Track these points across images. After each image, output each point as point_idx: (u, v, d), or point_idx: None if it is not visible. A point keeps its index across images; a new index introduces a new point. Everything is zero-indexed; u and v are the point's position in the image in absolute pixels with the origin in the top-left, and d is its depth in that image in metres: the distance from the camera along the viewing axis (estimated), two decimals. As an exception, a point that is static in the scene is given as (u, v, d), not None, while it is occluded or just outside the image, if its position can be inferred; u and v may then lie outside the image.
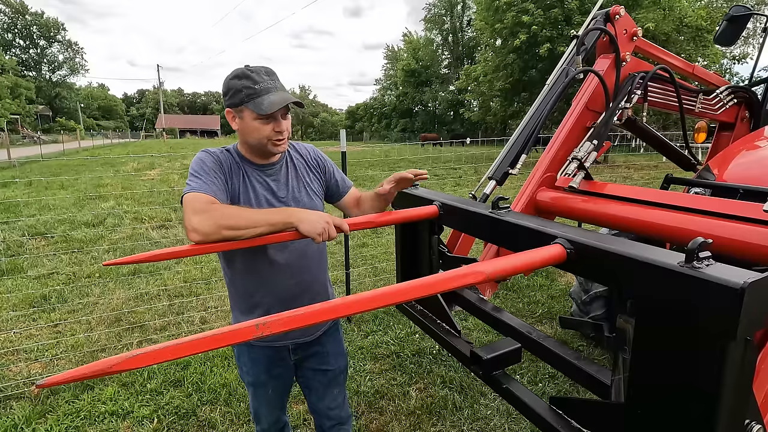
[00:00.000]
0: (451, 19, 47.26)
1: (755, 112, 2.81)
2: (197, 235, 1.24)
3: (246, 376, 1.71)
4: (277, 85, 1.41)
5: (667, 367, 0.86)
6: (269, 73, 1.41)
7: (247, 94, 1.36)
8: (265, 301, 1.56)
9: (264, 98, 1.36)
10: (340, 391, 1.83)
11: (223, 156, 1.47)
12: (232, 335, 0.76)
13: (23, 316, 3.85)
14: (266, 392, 1.72)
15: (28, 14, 54.26)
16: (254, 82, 1.37)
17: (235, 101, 1.39)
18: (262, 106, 1.35)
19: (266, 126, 1.39)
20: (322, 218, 1.32)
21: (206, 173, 1.38)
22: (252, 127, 1.39)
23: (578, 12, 17.57)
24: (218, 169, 1.42)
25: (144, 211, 7.48)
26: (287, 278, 1.55)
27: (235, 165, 1.48)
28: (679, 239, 1.53)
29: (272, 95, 1.37)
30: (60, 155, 21.61)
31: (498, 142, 16.95)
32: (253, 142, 1.43)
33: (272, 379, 1.70)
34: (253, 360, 1.66)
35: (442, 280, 0.91)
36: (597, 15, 2.12)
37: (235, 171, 1.47)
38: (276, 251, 1.51)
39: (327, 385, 1.77)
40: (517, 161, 1.97)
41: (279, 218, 1.31)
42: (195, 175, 1.37)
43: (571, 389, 2.80)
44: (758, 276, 0.73)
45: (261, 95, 1.36)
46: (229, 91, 1.40)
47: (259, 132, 1.40)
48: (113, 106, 73.08)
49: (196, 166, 1.40)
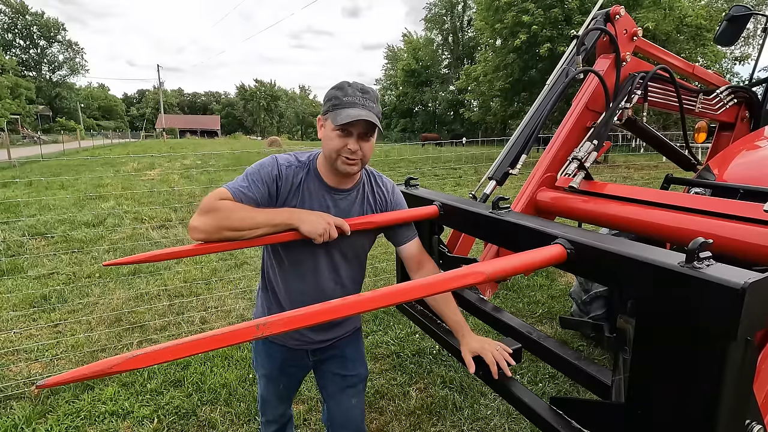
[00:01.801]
0: (451, 19, 47.26)
1: (755, 112, 2.81)
2: (199, 233, 1.25)
3: (260, 368, 1.72)
4: (366, 104, 1.35)
5: (668, 368, 0.86)
6: (364, 91, 1.37)
7: (333, 104, 1.35)
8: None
9: (345, 110, 1.32)
10: (358, 402, 1.76)
11: (289, 171, 1.42)
12: (232, 335, 0.76)
13: (23, 316, 3.85)
14: (277, 386, 1.73)
15: (29, 14, 54.29)
16: (344, 95, 1.34)
17: (324, 109, 1.39)
18: (338, 116, 1.32)
19: (340, 140, 1.34)
20: (323, 219, 1.33)
21: (254, 180, 1.36)
22: (329, 137, 1.37)
23: (578, 12, 17.59)
24: (270, 181, 1.38)
25: (144, 211, 7.47)
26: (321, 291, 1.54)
27: (302, 181, 1.43)
28: (680, 239, 1.53)
29: (354, 110, 1.32)
30: (60, 155, 21.61)
31: (498, 142, 16.94)
32: (327, 153, 1.40)
33: (285, 376, 1.71)
34: (269, 355, 1.67)
35: (442, 281, 0.91)
36: (597, 15, 2.12)
37: (298, 188, 1.43)
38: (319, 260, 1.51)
39: (343, 390, 1.73)
40: (517, 161, 1.97)
41: (280, 219, 1.31)
42: (245, 176, 1.38)
43: (571, 389, 2.80)
44: (759, 276, 0.73)
45: (344, 107, 1.33)
46: (324, 99, 1.40)
47: (332, 143, 1.36)
48: (113, 106, 73.09)
49: (254, 168, 1.40)
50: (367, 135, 1.37)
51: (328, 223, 1.32)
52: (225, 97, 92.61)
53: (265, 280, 1.62)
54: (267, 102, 78.55)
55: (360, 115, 1.31)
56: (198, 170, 12.60)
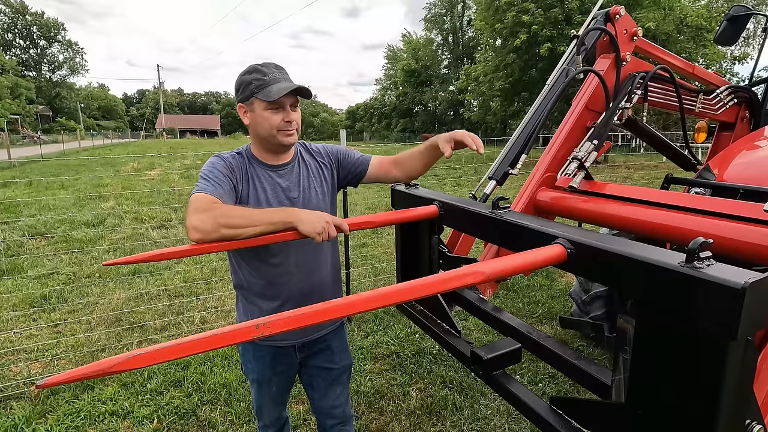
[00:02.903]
0: (451, 19, 47.25)
1: (755, 112, 2.81)
2: (197, 233, 1.25)
3: (250, 373, 1.72)
4: (286, 77, 1.45)
5: (668, 367, 0.86)
6: (278, 68, 1.46)
7: (256, 85, 1.41)
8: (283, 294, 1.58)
9: (273, 86, 1.40)
10: (343, 390, 1.83)
11: (234, 161, 1.49)
12: (232, 335, 0.76)
13: (23, 316, 3.85)
14: (270, 389, 1.74)
15: (29, 14, 54.29)
16: (264, 74, 1.41)
17: (246, 94, 1.43)
18: (270, 93, 1.38)
19: (276, 115, 1.42)
20: (322, 218, 1.33)
21: (215, 177, 1.41)
22: (262, 117, 1.42)
23: (578, 12, 17.57)
24: (228, 173, 1.44)
25: (144, 211, 7.47)
26: (296, 281, 1.57)
27: (246, 168, 1.50)
28: (680, 239, 1.53)
29: (281, 84, 1.40)
30: (60, 155, 21.62)
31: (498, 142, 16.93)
32: (264, 133, 1.45)
33: (276, 375, 1.71)
34: (258, 357, 1.67)
35: (442, 280, 0.91)
36: (597, 15, 2.12)
37: (245, 175, 1.49)
38: (284, 253, 1.52)
39: (330, 383, 1.78)
40: (517, 161, 1.96)
41: (279, 218, 1.31)
42: (204, 178, 1.40)
43: (571, 389, 2.80)
44: (759, 276, 0.73)
45: (270, 84, 1.40)
46: (241, 87, 1.44)
47: (268, 121, 1.42)
48: (113, 106, 73.11)
49: (207, 170, 1.43)
50: (295, 105, 1.47)
51: (327, 222, 1.32)
52: (225, 97, 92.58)
53: (242, 288, 1.62)
54: (267, 102, 78.48)
55: (291, 86, 1.40)
56: (198, 170, 12.56)
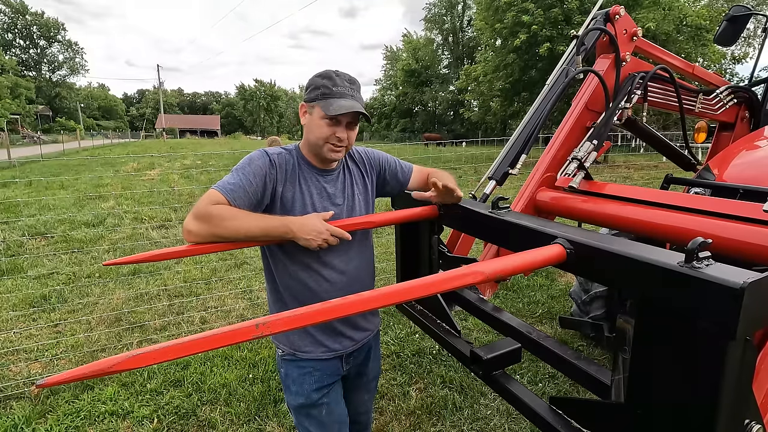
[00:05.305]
0: (451, 19, 47.25)
1: (755, 112, 2.81)
2: (192, 237, 1.27)
3: (298, 397, 1.53)
4: (354, 95, 1.40)
5: (667, 367, 0.86)
6: (352, 82, 1.41)
7: (322, 92, 1.38)
8: None
9: (336, 101, 1.36)
10: (370, 397, 1.81)
11: (280, 158, 1.43)
12: (232, 335, 0.76)
13: (23, 316, 3.85)
14: (331, 415, 1.56)
15: (28, 14, 54.27)
16: (333, 84, 1.37)
17: (311, 97, 1.40)
18: (330, 107, 1.35)
19: (329, 128, 1.38)
20: (319, 228, 1.31)
21: (245, 174, 1.35)
22: (317, 124, 1.39)
23: (578, 12, 17.58)
24: (265, 172, 1.38)
25: (144, 211, 7.47)
26: (337, 289, 1.49)
27: (294, 167, 1.45)
28: (679, 239, 1.53)
29: (345, 100, 1.37)
30: (60, 155, 21.61)
31: (498, 142, 16.92)
32: (313, 140, 1.42)
33: (329, 393, 1.56)
34: (304, 375, 1.53)
35: (442, 280, 0.92)
36: (597, 15, 2.12)
37: (293, 174, 1.44)
38: (331, 261, 1.48)
39: (358, 390, 1.73)
40: (517, 161, 1.97)
41: (275, 231, 1.30)
42: (234, 172, 1.37)
43: (571, 389, 2.80)
44: (758, 276, 0.73)
45: (335, 97, 1.37)
46: (310, 86, 1.42)
47: (320, 131, 1.39)
48: (113, 106, 73.10)
49: (244, 163, 1.39)
50: (353, 124, 1.42)
51: (327, 230, 1.31)
52: (225, 97, 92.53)
53: (277, 285, 1.52)
54: (267, 102, 78.38)
55: (353, 107, 1.36)
56: (198, 170, 12.59)
